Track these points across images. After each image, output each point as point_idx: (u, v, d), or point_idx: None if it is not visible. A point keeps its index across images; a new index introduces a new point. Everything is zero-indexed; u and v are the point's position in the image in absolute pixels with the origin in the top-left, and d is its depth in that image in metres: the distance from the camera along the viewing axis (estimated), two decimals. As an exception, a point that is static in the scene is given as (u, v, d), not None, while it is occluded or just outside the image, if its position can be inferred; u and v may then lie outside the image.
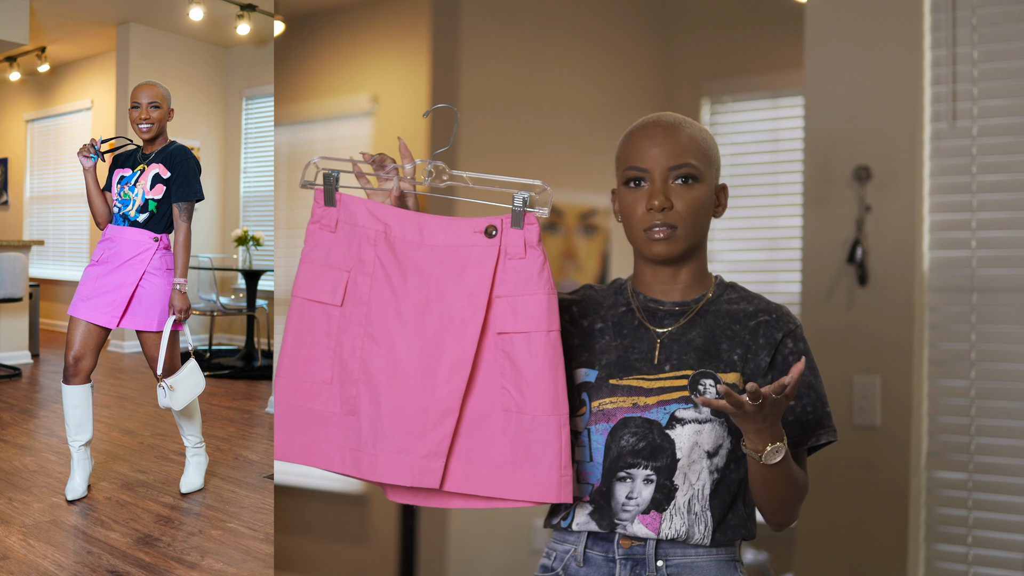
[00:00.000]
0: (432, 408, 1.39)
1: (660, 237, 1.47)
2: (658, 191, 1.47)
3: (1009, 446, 2.64)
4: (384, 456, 1.40)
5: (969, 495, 2.68)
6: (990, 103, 2.69)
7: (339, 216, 1.47)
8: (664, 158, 1.48)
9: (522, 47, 4.28)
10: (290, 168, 6.02)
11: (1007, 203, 2.67)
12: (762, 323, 1.50)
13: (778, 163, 4.62)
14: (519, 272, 1.40)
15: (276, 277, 6.12)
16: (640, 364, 1.48)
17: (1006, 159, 2.67)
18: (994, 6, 2.68)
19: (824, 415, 1.51)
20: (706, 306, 1.53)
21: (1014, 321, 2.65)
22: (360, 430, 1.42)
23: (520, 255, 1.41)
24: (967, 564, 2.67)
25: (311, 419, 1.46)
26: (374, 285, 1.43)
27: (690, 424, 1.44)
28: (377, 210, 1.45)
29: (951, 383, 2.71)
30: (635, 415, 1.45)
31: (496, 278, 1.40)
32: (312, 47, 5.92)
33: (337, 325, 1.45)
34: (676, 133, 1.50)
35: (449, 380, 1.39)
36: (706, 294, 1.55)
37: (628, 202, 1.50)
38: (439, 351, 1.40)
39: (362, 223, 1.45)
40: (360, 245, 1.45)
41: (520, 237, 1.41)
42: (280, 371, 1.48)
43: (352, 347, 1.43)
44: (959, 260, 2.71)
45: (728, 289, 1.57)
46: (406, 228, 1.44)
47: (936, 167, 2.74)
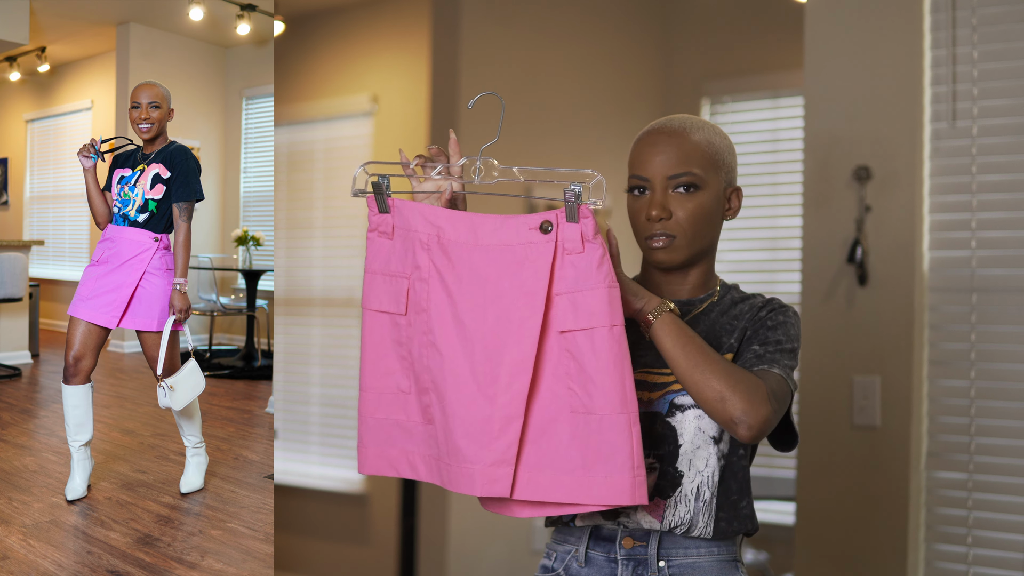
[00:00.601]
0: (496, 415, 1.35)
1: (659, 246, 1.48)
2: (657, 201, 1.47)
3: (1009, 446, 2.64)
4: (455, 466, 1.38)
5: (969, 495, 2.68)
6: (990, 103, 2.69)
7: (395, 222, 1.45)
8: (664, 167, 1.48)
9: (522, 48, 4.28)
10: (290, 168, 6.02)
11: (1007, 203, 2.67)
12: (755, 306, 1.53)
13: (778, 163, 4.63)
14: (578, 267, 1.35)
15: (276, 277, 6.12)
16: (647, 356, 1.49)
17: (1006, 159, 2.67)
18: (994, 6, 2.68)
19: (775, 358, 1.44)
20: (710, 306, 1.54)
21: (1014, 321, 2.65)
22: (436, 440, 1.41)
23: (578, 249, 1.35)
24: (967, 564, 2.67)
25: (397, 431, 1.45)
26: (431, 291, 1.40)
27: (691, 409, 1.45)
28: (429, 213, 1.42)
29: (951, 383, 2.71)
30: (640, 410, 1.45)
31: (554, 275, 1.36)
32: (312, 47, 5.92)
33: (406, 334, 1.43)
34: (679, 140, 1.49)
35: (511, 385, 1.35)
36: (711, 295, 1.56)
37: (633, 209, 1.52)
38: (499, 355, 1.36)
39: (415, 227, 1.43)
40: (415, 250, 1.42)
41: (576, 231, 1.35)
42: (363, 385, 1.47)
43: (420, 356, 1.41)
44: (959, 260, 2.71)
45: (731, 291, 1.58)
46: (459, 229, 1.40)
47: (936, 167, 2.74)
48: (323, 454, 5.66)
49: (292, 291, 5.96)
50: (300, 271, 5.94)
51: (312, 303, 5.84)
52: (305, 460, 5.72)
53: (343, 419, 5.60)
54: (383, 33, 5.63)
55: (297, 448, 5.76)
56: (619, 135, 4.81)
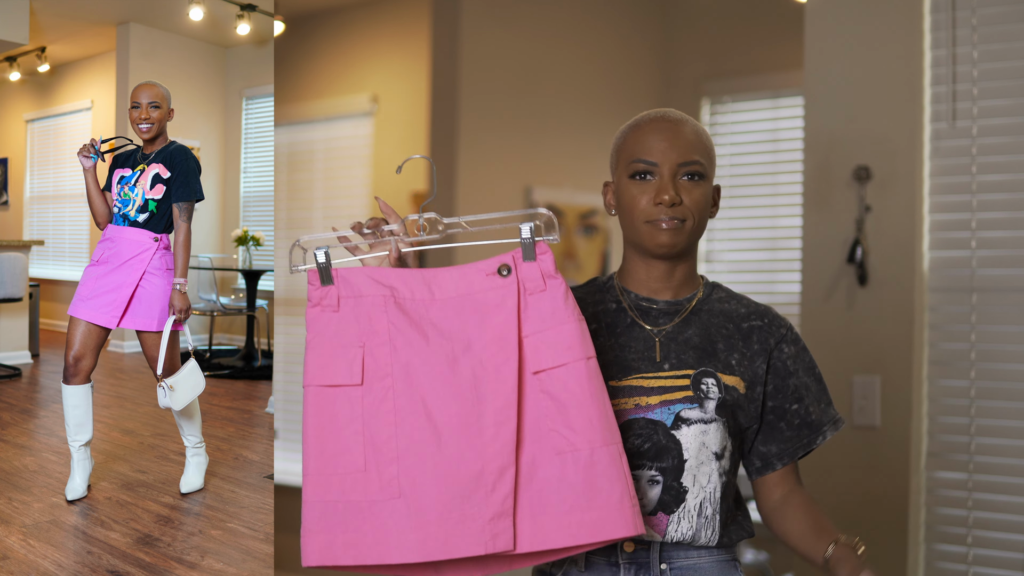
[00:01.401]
0: (487, 468, 1.31)
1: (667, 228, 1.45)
2: (667, 186, 1.45)
3: (1009, 446, 2.64)
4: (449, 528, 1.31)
5: (969, 495, 2.67)
6: (990, 103, 2.69)
7: (339, 292, 1.38)
8: (674, 153, 1.46)
9: (522, 47, 4.28)
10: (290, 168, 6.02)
11: (1007, 203, 2.67)
12: (755, 328, 1.50)
13: (778, 163, 4.62)
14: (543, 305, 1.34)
15: (276, 277, 6.12)
16: (639, 363, 1.47)
17: (1006, 159, 2.67)
18: (994, 6, 2.68)
19: (823, 412, 1.52)
20: (699, 305, 1.52)
21: (1014, 321, 2.65)
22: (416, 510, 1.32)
23: (540, 288, 1.34)
24: (967, 564, 2.67)
25: (351, 512, 1.34)
26: (394, 353, 1.34)
27: (696, 424, 1.43)
28: (378, 275, 1.37)
29: (951, 383, 2.71)
30: (638, 416, 1.44)
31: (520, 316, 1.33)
32: (312, 47, 5.92)
33: (361, 406, 1.35)
34: (684, 129, 1.48)
35: (498, 434, 1.31)
36: (697, 293, 1.54)
37: (632, 195, 1.47)
38: (480, 405, 1.32)
39: (365, 293, 1.37)
40: (370, 316, 1.36)
41: (536, 269, 1.34)
42: (307, 469, 1.36)
43: (383, 424, 1.34)
44: (959, 260, 2.71)
45: (715, 288, 1.56)
46: (413, 287, 1.36)
47: (936, 167, 2.74)
48: (323, 454, 5.66)
49: (292, 291, 5.95)
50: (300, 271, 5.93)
51: (312, 303, 5.83)
52: (305, 460, 5.72)
53: (343, 419, 5.60)
54: (383, 33, 5.63)
55: (297, 448, 5.75)
56: (619, 135, 4.80)
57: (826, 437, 1.52)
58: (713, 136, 4.81)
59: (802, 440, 1.51)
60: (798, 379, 1.50)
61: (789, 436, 1.50)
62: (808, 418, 1.50)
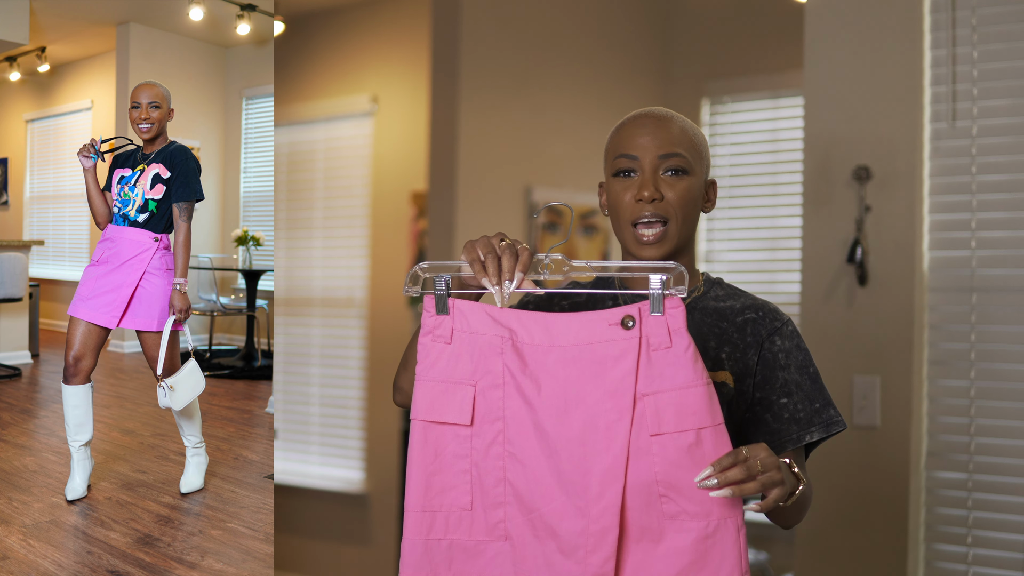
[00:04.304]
0: (590, 528, 1.26)
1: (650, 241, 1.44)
2: (648, 181, 1.45)
3: (1009, 446, 2.64)
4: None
5: (969, 495, 2.68)
6: (990, 103, 2.69)
7: (454, 324, 1.33)
8: (655, 147, 1.46)
9: (522, 48, 4.28)
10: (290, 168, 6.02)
11: (1007, 203, 2.67)
12: (749, 320, 1.50)
13: (778, 163, 4.63)
14: (667, 363, 1.26)
15: (276, 277, 6.12)
16: None
17: (1006, 159, 2.67)
18: (994, 6, 2.68)
19: (815, 412, 1.49)
20: (694, 303, 1.52)
21: (1014, 321, 2.65)
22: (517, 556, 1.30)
23: (666, 344, 1.26)
24: (967, 564, 2.67)
25: (456, 552, 1.32)
26: (507, 398, 1.30)
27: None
28: (497, 314, 1.31)
29: (951, 383, 2.71)
30: None
31: (639, 373, 1.26)
32: (312, 47, 5.92)
33: (469, 445, 1.31)
34: (667, 124, 1.48)
35: (603, 494, 1.26)
36: (694, 290, 1.53)
37: (616, 191, 1.47)
38: (587, 463, 1.26)
39: (483, 331, 1.31)
40: (485, 355, 1.31)
41: (663, 324, 1.26)
42: (410, 505, 1.32)
43: (492, 468, 1.30)
44: (959, 260, 2.71)
45: (715, 286, 1.55)
46: (533, 330, 1.30)
47: (936, 167, 2.74)
48: (323, 454, 5.66)
49: (292, 291, 5.96)
50: (300, 271, 5.94)
51: (312, 303, 5.84)
52: (305, 460, 5.72)
53: (343, 419, 5.60)
54: (383, 33, 5.63)
55: (297, 448, 5.76)
56: (619, 135, 4.80)
57: (813, 437, 1.49)
58: (713, 136, 4.81)
59: (788, 435, 1.48)
60: (788, 374, 1.49)
61: (775, 429, 1.48)
62: (796, 415, 1.48)
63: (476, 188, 4.04)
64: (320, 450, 5.68)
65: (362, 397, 5.52)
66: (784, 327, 1.50)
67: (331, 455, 5.62)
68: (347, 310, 5.64)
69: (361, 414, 5.51)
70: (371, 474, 5.41)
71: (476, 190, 4.04)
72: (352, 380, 5.58)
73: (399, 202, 5.41)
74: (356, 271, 5.62)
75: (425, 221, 5.10)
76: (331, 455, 5.62)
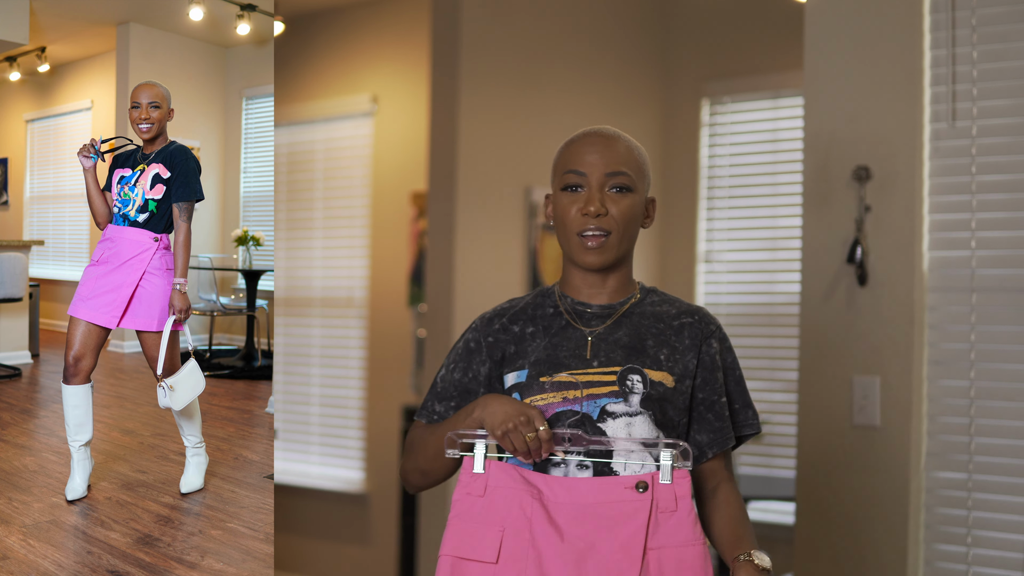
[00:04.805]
0: None
1: (593, 246, 1.56)
2: (594, 196, 1.56)
3: (1009, 446, 2.64)
4: None
5: (969, 495, 2.68)
6: (990, 103, 2.69)
7: (488, 481, 1.52)
8: (602, 165, 1.57)
9: (522, 48, 4.28)
10: (290, 168, 6.02)
11: (1007, 203, 2.68)
12: (686, 324, 1.62)
13: (778, 163, 4.63)
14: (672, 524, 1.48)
15: (276, 277, 6.12)
16: (569, 360, 1.56)
17: (1006, 159, 2.67)
18: (994, 6, 2.68)
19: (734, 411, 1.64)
20: (631, 308, 1.62)
21: (1014, 321, 2.65)
22: None
23: (672, 508, 1.48)
24: (967, 564, 2.67)
25: None
26: (531, 543, 1.48)
27: (621, 417, 1.54)
28: (527, 475, 1.52)
29: (951, 383, 2.72)
30: (566, 408, 1.53)
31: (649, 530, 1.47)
32: (312, 47, 5.92)
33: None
34: (614, 144, 1.59)
35: None
36: (631, 297, 1.64)
37: (563, 205, 1.59)
38: None
39: (514, 486, 1.51)
40: (513, 506, 1.50)
41: (671, 491, 1.49)
42: None
43: None
44: (959, 260, 2.72)
45: (650, 293, 1.66)
46: (556, 490, 1.50)
47: (936, 167, 2.74)
48: (323, 454, 5.67)
49: (292, 291, 5.96)
50: (300, 271, 5.94)
51: (312, 303, 5.84)
52: (305, 460, 5.72)
53: (343, 419, 5.60)
54: (383, 33, 5.63)
55: (297, 448, 5.76)
56: (619, 135, 4.80)
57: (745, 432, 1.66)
58: (713, 136, 4.81)
59: (728, 432, 1.62)
60: (725, 376, 1.63)
61: (718, 427, 1.62)
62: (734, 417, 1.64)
63: (476, 188, 4.04)
64: (320, 450, 5.68)
65: (362, 397, 5.52)
66: (718, 331, 1.64)
67: (331, 455, 5.63)
68: (347, 310, 5.65)
69: (361, 414, 5.51)
70: (371, 474, 5.41)
71: (476, 190, 4.04)
72: (352, 380, 5.58)
73: (399, 202, 5.41)
74: (356, 271, 5.62)
75: (425, 221, 5.11)
76: (331, 455, 5.63)
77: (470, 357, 1.64)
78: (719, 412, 1.61)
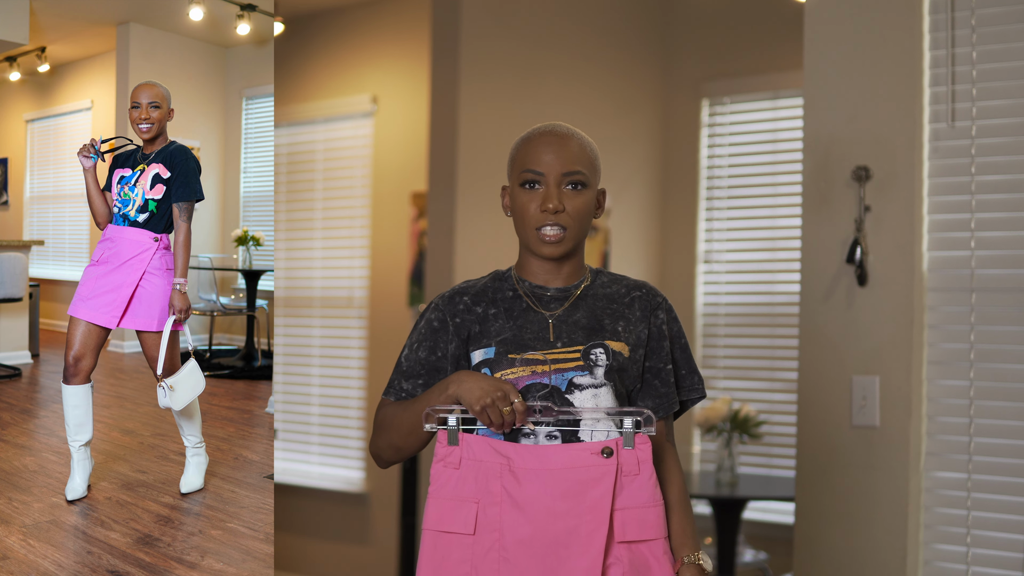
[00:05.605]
0: None
1: (552, 241, 1.65)
2: (552, 195, 1.65)
3: (1009, 446, 2.64)
4: None
5: (968, 495, 2.68)
6: (989, 103, 2.69)
7: (462, 454, 1.61)
8: (559, 164, 1.66)
9: (522, 48, 4.28)
10: (290, 168, 6.02)
11: (1007, 203, 2.68)
12: (636, 298, 1.72)
13: (778, 163, 4.63)
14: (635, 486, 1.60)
15: (276, 277, 6.12)
16: (534, 342, 1.65)
17: (1006, 159, 2.68)
18: (994, 6, 2.68)
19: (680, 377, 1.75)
20: (585, 291, 1.72)
21: (1014, 321, 2.65)
22: None
23: (635, 472, 1.60)
24: (967, 564, 2.67)
25: None
26: (504, 513, 1.58)
27: (588, 389, 1.63)
28: (498, 445, 1.61)
29: (951, 383, 2.72)
30: (535, 381, 1.63)
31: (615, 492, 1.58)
32: (312, 47, 5.92)
33: (471, 552, 1.59)
34: (569, 143, 1.69)
35: None
36: (583, 280, 1.73)
37: (523, 202, 1.67)
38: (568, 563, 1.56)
39: (486, 459, 1.61)
40: (487, 478, 1.60)
41: (634, 456, 1.60)
42: None
43: (489, 571, 1.58)
44: (958, 260, 2.72)
45: (599, 275, 1.76)
46: (527, 458, 1.59)
47: (935, 167, 2.74)
48: (323, 454, 5.67)
49: (292, 291, 5.96)
50: (300, 271, 5.94)
51: (312, 303, 5.84)
52: (305, 460, 5.72)
53: (343, 419, 5.60)
54: (383, 33, 5.63)
55: (297, 448, 5.76)
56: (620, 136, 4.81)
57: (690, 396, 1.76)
58: (713, 136, 4.81)
59: (672, 398, 1.73)
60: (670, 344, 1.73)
61: (663, 392, 1.72)
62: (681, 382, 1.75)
63: (476, 188, 4.04)
64: (320, 450, 5.68)
65: (362, 397, 5.52)
66: (664, 302, 1.74)
67: (331, 455, 5.63)
68: (347, 310, 5.65)
69: (361, 414, 5.51)
70: (371, 474, 5.41)
71: (476, 190, 4.04)
72: (352, 380, 5.58)
73: (399, 202, 5.41)
74: (356, 271, 5.62)
75: (425, 221, 5.10)
76: (331, 455, 5.63)
77: (435, 336, 1.70)
78: (665, 379, 1.71)
